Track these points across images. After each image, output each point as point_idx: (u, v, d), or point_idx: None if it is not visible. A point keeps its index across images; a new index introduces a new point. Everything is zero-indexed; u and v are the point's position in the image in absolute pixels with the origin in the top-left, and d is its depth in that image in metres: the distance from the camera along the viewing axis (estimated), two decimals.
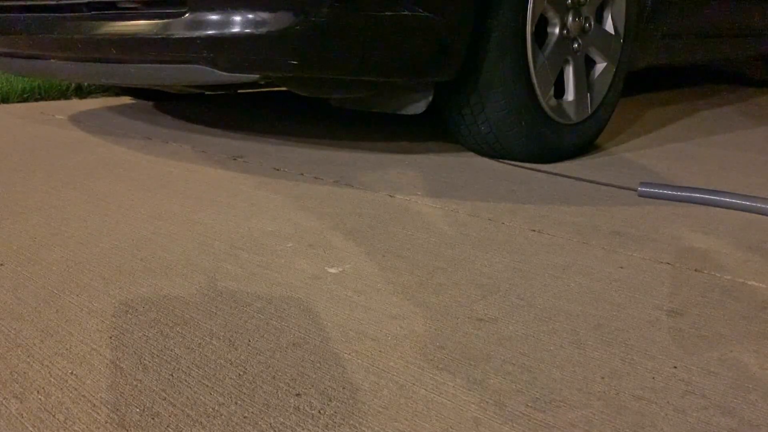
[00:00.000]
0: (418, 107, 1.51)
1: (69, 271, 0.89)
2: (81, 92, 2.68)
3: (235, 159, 1.58)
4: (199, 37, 1.23)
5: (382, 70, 1.36)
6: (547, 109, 1.52)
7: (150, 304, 0.79)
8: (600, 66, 1.67)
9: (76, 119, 2.14)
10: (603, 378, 0.65)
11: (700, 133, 2.08)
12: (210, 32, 1.23)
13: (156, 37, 1.28)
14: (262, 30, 1.21)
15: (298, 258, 0.95)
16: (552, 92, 1.55)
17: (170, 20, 1.27)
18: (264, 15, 1.21)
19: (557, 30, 1.52)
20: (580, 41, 1.57)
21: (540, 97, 1.50)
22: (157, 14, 1.30)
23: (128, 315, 0.76)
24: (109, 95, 2.69)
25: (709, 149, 1.82)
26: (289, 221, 1.11)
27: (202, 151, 1.66)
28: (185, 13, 1.25)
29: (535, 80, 1.48)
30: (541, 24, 1.52)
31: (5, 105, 2.46)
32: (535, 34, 1.48)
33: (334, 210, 1.18)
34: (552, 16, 1.51)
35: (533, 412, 0.59)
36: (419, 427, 0.57)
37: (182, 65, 1.31)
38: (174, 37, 1.26)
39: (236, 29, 1.22)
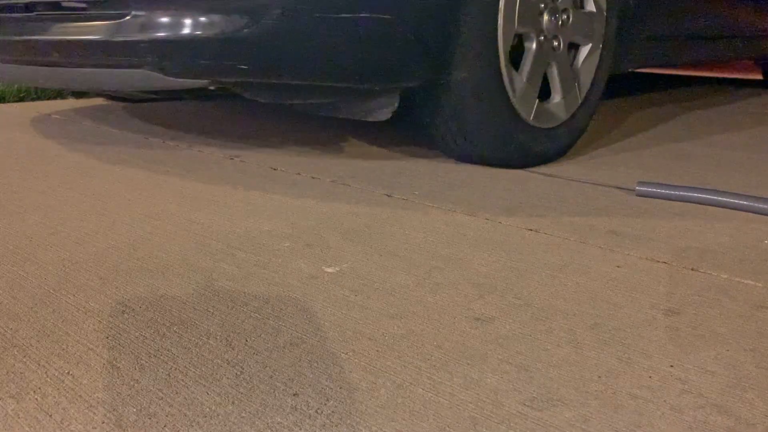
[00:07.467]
0: (383, 114, 1.42)
1: (65, 270, 0.89)
2: (78, 91, 2.67)
3: (231, 159, 1.57)
4: (142, 41, 1.17)
5: (340, 75, 1.28)
6: (530, 120, 1.47)
7: (147, 303, 0.79)
8: (585, 48, 1.60)
9: (73, 118, 2.13)
10: (600, 377, 0.65)
11: (698, 132, 2.08)
12: (154, 35, 1.17)
13: (98, 40, 1.21)
14: (209, 33, 1.15)
15: (295, 257, 0.95)
16: (536, 106, 1.49)
17: (112, 22, 1.20)
18: (212, 17, 1.15)
19: (534, 45, 1.45)
20: (560, 37, 1.51)
21: (521, 114, 1.44)
22: (99, 16, 1.23)
23: (125, 315, 0.76)
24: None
25: (706, 149, 1.82)
26: (286, 220, 1.11)
27: (198, 150, 1.66)
28: (127, 15, 1.18)
29: (515, 104, 1.43)
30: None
31: (1, 105, 2.45)
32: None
33: (331, 209, 1.18)
34: (527, 29, 1.44)
35: (530, 411, 0.59)
36: (417, 427, 0.57)
37: (128, 70, 1.23)
38: (116, 40, 1.18)
39: (183, 32, 1.16)
